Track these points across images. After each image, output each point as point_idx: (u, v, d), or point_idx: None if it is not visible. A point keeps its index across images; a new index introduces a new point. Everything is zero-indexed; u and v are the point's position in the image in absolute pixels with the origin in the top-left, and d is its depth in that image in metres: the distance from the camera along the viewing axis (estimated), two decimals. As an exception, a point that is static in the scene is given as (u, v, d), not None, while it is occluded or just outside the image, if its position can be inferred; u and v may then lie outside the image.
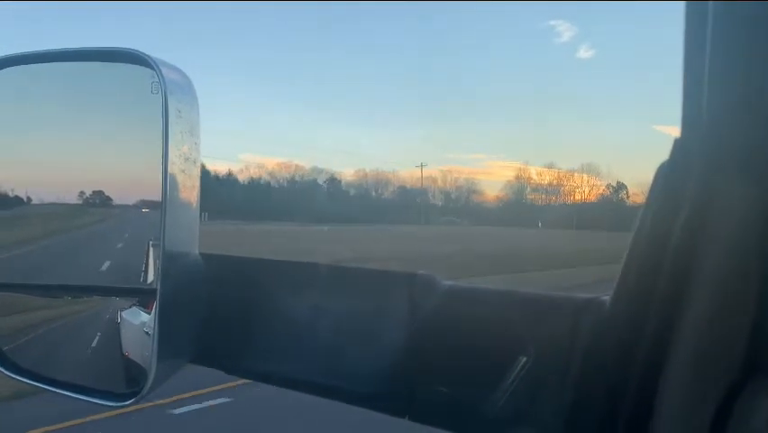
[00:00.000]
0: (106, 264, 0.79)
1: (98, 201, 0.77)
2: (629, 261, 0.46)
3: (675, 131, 0.46)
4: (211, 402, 6.51)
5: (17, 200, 0.82)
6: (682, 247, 0.42)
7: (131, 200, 0.77)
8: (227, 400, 6.49)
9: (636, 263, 0.45)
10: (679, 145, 0.44)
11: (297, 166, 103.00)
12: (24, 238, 0.91)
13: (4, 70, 0.72)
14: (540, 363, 0.52)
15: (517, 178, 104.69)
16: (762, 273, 0.39)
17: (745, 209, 0.40)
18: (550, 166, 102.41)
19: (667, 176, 0.44)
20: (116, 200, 0.76)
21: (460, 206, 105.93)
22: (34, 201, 0.82)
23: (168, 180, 0.61)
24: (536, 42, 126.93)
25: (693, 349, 0.41)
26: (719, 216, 0.41)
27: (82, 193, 0.77)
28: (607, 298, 0.50)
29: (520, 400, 0.53)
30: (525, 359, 0.53)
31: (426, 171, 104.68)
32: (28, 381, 0.73)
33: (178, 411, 6.35)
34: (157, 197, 0.62)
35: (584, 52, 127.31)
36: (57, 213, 0.84)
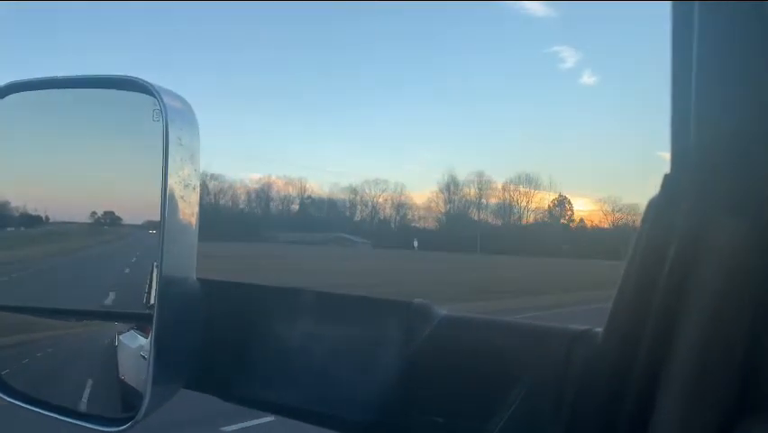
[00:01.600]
0: (127, 270, 0.85)
1: (109, 221, 0.79)
2: (621, 293, 0.46)
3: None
4: (259, 420, 6.57)
5: (38, 219, 0.86)
6: (673, 281, 0.42)
7: (139, 221, 0.78)
8: (273, 418, 6.51)
9: (628, 296, 0.45)
10: (668, 180, 0.44)
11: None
12: (62, 250, 0.96)
13: (13, 96, 0.74)
14: (535, 392, 0.52)
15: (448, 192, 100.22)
16: (753, 307, 0.39)
17: (735, 243, 0.40)
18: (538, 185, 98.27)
19: (657, 211, 0.45)
20: (126, 220, 0.78)
21: (356, 223, 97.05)
22: (51, 220, 0.85)
23: (167, 206, 0.62)
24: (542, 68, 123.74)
25: (685, 382, 0.41)
26: (709, 249, 0.41)
27: (94, 213, 0.79)
28: (600, 330, 0.50)
29: (515, 429, 0.52)
30: (520, 388, 0.53)
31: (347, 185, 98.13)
32: (20, 403, 0.73)
33: (228, 429, 6.44)
34: None
35: (587, 78, 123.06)
36: (74, 231, 0.87)
